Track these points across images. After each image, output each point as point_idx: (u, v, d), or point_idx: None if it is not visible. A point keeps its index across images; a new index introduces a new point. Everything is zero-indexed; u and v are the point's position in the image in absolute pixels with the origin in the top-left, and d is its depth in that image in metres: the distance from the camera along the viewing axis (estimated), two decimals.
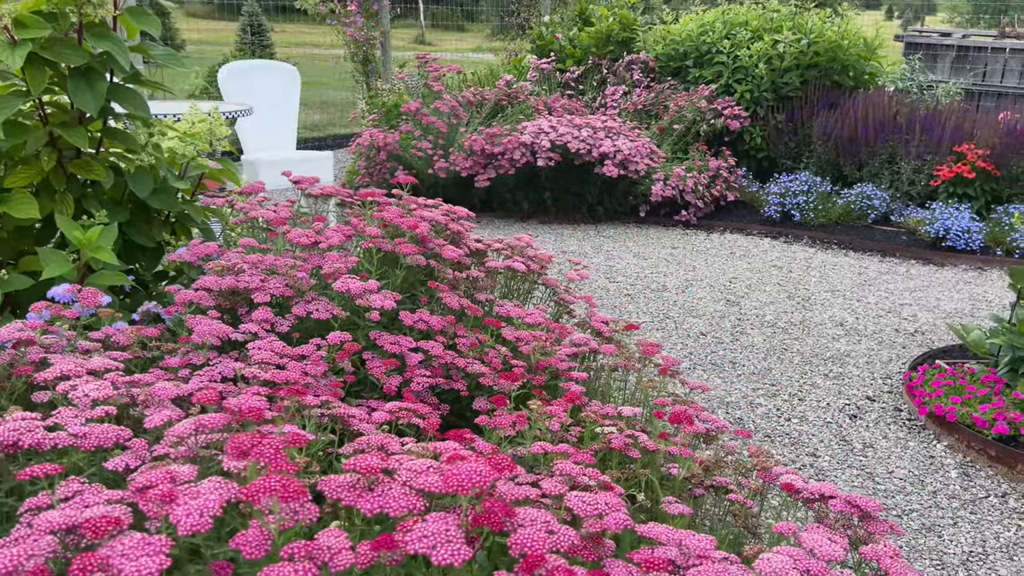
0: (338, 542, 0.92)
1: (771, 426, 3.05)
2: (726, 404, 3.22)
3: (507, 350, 2.12)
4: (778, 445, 2.91)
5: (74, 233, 2.10)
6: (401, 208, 2.38)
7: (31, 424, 1.20)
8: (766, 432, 3.00)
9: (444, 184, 5.80)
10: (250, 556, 0.89)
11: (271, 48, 19.11)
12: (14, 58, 2.01)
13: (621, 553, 1.22)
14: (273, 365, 1.77)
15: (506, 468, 1.02)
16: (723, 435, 1.98)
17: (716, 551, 1.15)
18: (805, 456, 2.84)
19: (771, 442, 2.93)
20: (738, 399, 3.26)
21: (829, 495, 1.51)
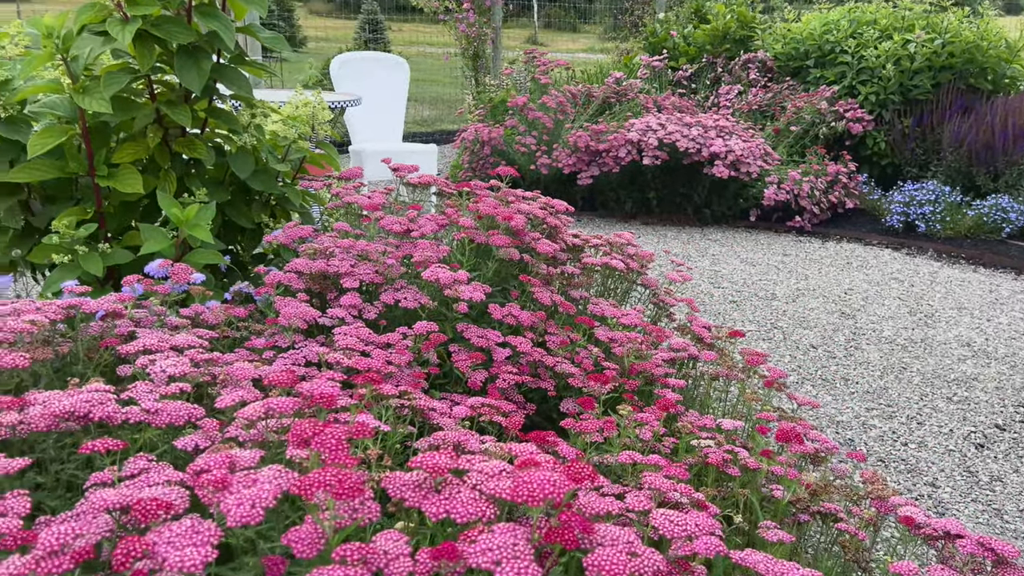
0: (396, 547, 0.84)
1: (885, 450, 2.81)
2: (836, 423, 2.99)
3: (599, 351, 2.01)
4: (893, 471, 2.68)
5: (173, 210, 2.12)
6: (498, 200, 2.29)
7: (104, 396, 1.17)
8: (879, 456, 2.77)
9: (546, 181, 5.71)
10: (301, 554, 0.81)
11: (387, 46, 19.53)
12: (124, 34, 2.03)
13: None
14: (357, 352, 1.71)
15: (585, 478, 0.91)
16: (832, 457, 1.81)
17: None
18: (923, 486, 2.60)
19: (885, 467, 2.70)
20: (850, 419, 3.03)
21: (956, 533, 1.33)
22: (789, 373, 3.37)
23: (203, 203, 2.21)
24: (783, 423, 1.81)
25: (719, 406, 2.12)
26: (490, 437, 1.42)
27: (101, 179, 2.18)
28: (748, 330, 3.86)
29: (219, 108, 2.35)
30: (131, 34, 2.04)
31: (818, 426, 2.95)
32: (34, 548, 0.85)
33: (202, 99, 2.32)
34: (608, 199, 5.84)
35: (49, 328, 1.47)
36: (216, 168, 2.43)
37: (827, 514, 1.54)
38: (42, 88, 2.12)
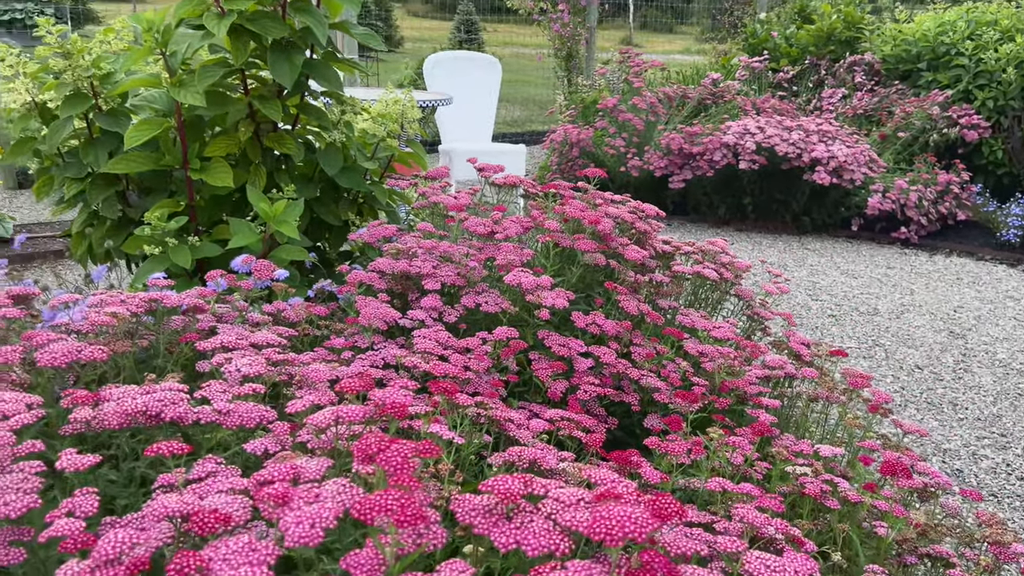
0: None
1: (998, 484, 2.60)
2: (943, 451, 2.79)
3: (688, 365, 1.91)
4: (1007, 508, 2.47)
5: (261, 205, 2.12)
6: (585, 202, 2.21)
7: (176, 396, 1.15)
8: (991, 490, 2.56)
9: (636, 184, 5.59)
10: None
11: (481, 46, 19.66)
12: (220, 28, 2.04)
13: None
14: (436, 356, 1.66)
15: (673, 515, 0.83)
16: (941, 491, 1.66)
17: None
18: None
19: (998, 503, 2.49)
20: (958, 447, 2.81)
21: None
22: (892, 395, 3.17)
23: (291, 199, 2.20)
24: (888, 452, 1.67)
25: (817, 430, 1.98)
26: (569, 453, 1.34)
27: (193, 172, 2.20)
28: (848, 347, 3.65)
29: (310, 104, 2.35)
30: (226, 28, 2.05)
31: (923, 455, 2.76)
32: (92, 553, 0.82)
33: (294, 95, 2.32)
34: (701, 204, 5.66)
35: (132, 321, 1.47)
36: (306, 164, 2.44)
37: (937, 557, 1.40)
38: (141, 82, 2.16)
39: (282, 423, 1.21)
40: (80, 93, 2.14)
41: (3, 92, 2.23)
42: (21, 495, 0.92)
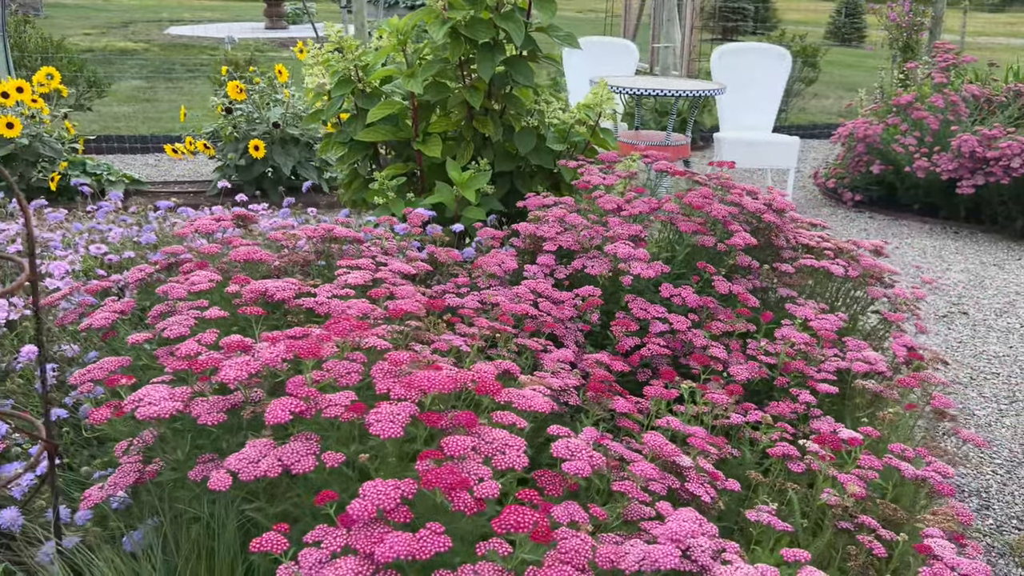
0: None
1: None
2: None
3: (772, 345, 2.09)
4: None
5: (453, 173, 2.70)
6: (713, 190, 2.45)
7: (291, 286, 1.75)
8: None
9: (924, 186, 5.28)
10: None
11: (863, 31, 18.57)
12: (439, 31, 2.64)
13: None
14: (529, 301, 2.10)
15: (495, 391, 1.22)
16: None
17: None
18: None
19: None
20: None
21: None
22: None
23: (481, 171, 2.75)
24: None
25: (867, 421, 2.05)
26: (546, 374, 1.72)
27: (417, 144, 2.85)
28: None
29: (512, 94, 2.86)
30: (446, 34, 2.64)
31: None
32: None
33: (503, 86, 2.85)
34: (997, 213, 5.18)
35: (313, 244, 2.12)
36: (510, 144, 2.96)
37: (863, 526, 1.54)
38: (386, 72, 2.85)
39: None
40: (347, 79, 2.88)
41: (306, 76, 3.06)
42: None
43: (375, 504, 1.05)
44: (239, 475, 1.15)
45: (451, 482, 1.05)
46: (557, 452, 1.22)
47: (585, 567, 1.07)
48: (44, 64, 6.91)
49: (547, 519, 1.05)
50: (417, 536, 1.02)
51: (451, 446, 1.12)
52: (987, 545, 2.16)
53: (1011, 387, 3.05)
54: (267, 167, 5.07)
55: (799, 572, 1.19)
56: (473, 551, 1.06)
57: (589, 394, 1.69)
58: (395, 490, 1.06)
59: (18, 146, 4.84)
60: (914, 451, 1.73)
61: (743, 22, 16.78)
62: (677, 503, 1.51)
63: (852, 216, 5.46)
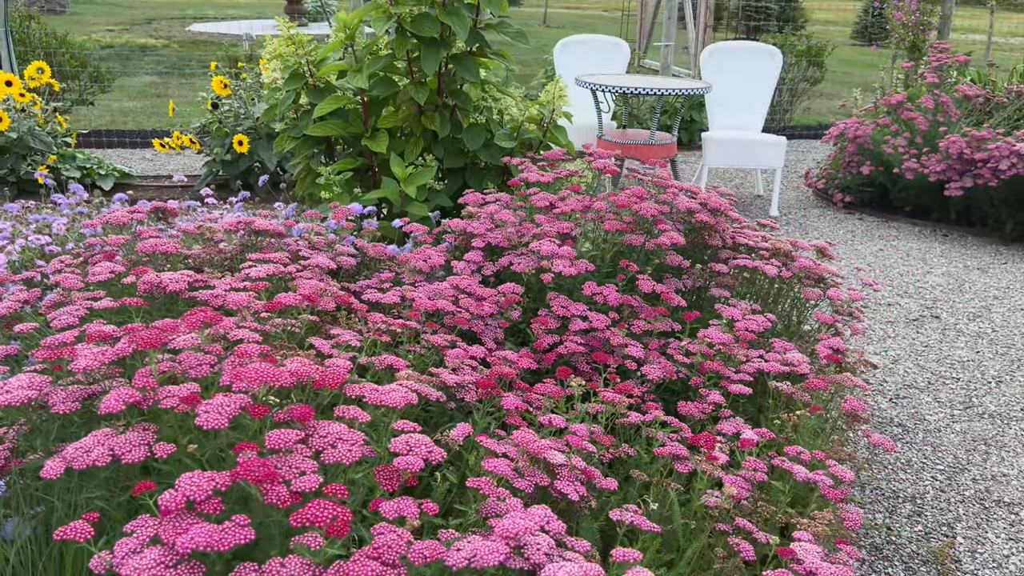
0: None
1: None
2: None
3: (695, 345, 2.07)
4: None
5: (396, 168, 2.70)
6: (649, 190, 2.43)
7: (184, 279, 1.76)
8: None
9: (915, 187, 5.20)
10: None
11: (889, 31, 18.32)
12: (382, 27, 2.64)
13: None
14: (450, 298, 2.10)
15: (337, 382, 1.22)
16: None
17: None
18: None
19: None
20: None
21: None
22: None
23: (427, 167, 2.75)
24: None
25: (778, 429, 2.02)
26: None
27: (365, 139, 2.85)
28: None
29: (459, 90, 2.86)
30: (386, 27, 2.64)
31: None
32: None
33: (453, 82, 2.85)
34: (987, 216, 5.09)
35: (238, 238, 2.14)
36: (459, 140, 2.96)
37: (742, 531, 1.52)
38: (334, 67, 2.86)
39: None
40: (299, 73, 2.90)
41: (263, 70, 3.08)
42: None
43: (185, 495, 1.05)
44: (72, 464, 1.16)
45: (261, 475, 1.06)
46: (395, 447, 1.22)
47: (396, 563, 1.06)
48: (47, 59, 7.02)
49: (348, 513, 1.04)
50: (220, 528, 1.03)
51: (274, 439, 1.13)
52: (911, 552, 2.13)
53: (969, 393, 2.99)
54: (253, 162, 5.11)
55: (627, 572, 1.17)
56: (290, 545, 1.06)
57: (480, 391, 1.68)
58: (208, 482, 1.07)
59: (8, 140, 4.92)
60: (810, 454, 1.70)
61: (767, 21, 16.66)
62: (549, 501, 1.50)
63: (841, 217, 5.39)
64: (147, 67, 11.89)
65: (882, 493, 2.38)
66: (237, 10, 19.86)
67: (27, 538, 1.29)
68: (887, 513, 2.29)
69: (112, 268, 1.77)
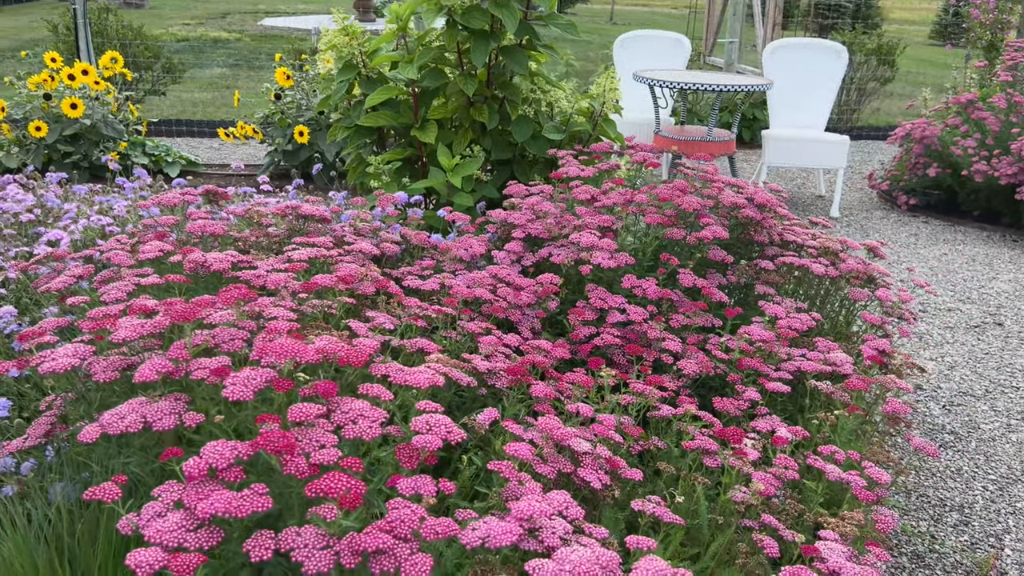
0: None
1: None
2: None
3: (742, 344, 2.03)
4: None
5: (442, 159, 2.73)
6: (690, 184, 2.40)
7: (229, 260, 1.81)
8: None
9: (985, 191, 5.02)
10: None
11: (965, 32, 17.70)
12: (433, 19, 2.67)
13: None
14: (488, 287, 2.12)
15: (360, 358, 1.24)
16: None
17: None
18: None
19: None
20: None
21: None
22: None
23: (474, 158, 2.77)
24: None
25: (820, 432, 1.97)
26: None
27: (415, 130, 2.89)
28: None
29: (508, 82, 2.87)
30: (436, 18, 2.67)
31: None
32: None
33: (502, 74, 2.86)
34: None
35: (287, 221, 2.19)
36: (506, 132, 2.97)
37: (767, 527, 1.49)
38: (386, 58, 2.89)
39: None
40: (352, 64, 2.95)
41: (319, 61, 3.14)
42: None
43: (208, 463, 1.09)
44: (108, 429, 1.21)
45: (280, 446, 1.09)
46: (415, 426, 1.24)
47: (408, 537, 1.08)
48: (123, 51, 7.28)
49: (362, 486, 1.07)
50: (240, 495, 1.06)
51: (296, 412, 1.16)
52: (954, 562, 2.06)
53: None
54: (313, 152, 5.22)
55: (640, 560, 1.17)
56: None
57: (510, 378, 1.69)
58: (231, 451, 1.10)
59: (82, 126, 5.12)
60: (845, 454, 1.67)
61: (840, 19, 16.27)
62: (572, 489, 1.50)
63: (905, 220, 5.23)
64: (219, 59, 12.21)
65: (928, 501, 2.31)
66: (308, 5, 20.26)
67: (63, 501, 1.35)
68: (932, 521, 2.22)
69: (161, 247, 1.84)
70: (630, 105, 6.04)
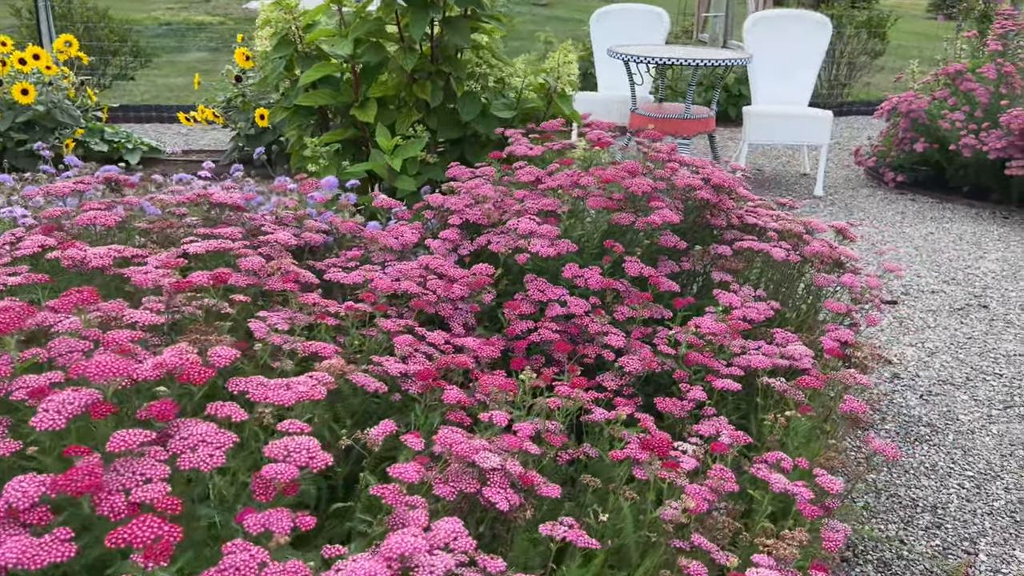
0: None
1: None
2: None
3: (690, 338, 1.86)
4: None
5: (381, 140, 2.54)
6: (643, 164, 2.22)
7: (110, 256, 1.64)
8: None
9: (973, 166, 4.83)
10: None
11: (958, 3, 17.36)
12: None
13: None
14: (416, 279, 1.94)
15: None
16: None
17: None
18: None
19: None
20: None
21: None
22: None
23: (417, 138, 2.59)
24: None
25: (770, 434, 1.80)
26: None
27: (354, 109, 2.70)
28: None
29: (453, 57, 2.68)
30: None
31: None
32: None
33: (447, 48, 2.67)
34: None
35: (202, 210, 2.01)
36: (453, 110, 2.79)
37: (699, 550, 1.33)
38: (323, 32, 2.70)
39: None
40: (287, 40, 2.76)
41: (256, 38, 2.95)
42: None
43: (6, 502, 0.92)
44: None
45: (83, 485, 0.91)
46: (270, 452, 1.06)
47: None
48: (87, 34, 7.06)
49: (177, 532, 0.90)
50: (39, 542, 0.89)
51: (117, 441, 0.99)
52: (923, 570, 1.90)
53: (1011, 391, 2.71)
54: (277, 136, 5.02)
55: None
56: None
57: (419, 383, 1.52)
58: (37, 487, 0.93)
59: (36, 113, 4.92)
60: (793, 462, 1.50)
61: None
62: (480, 511, 1.34)
63: (892, 198, 5.04)
64: (200, 43, 11.96)
65: (899, 501, 2.15)
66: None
67: None
68: (902, 524, 2.06)
69: (43, 242, 1.66)
70: (608, 82, 5.83)
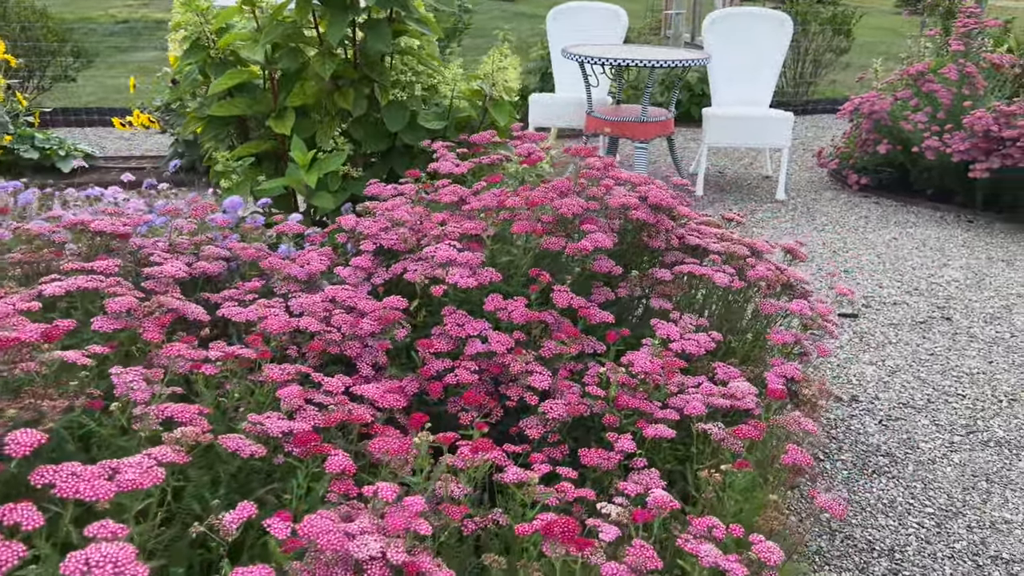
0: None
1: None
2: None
3: (621, 376, 1.67)
4: None
5: (297, 154, 2.34)
6: (585, 179, 2.03)
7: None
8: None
9: (937, 168, 4.71)
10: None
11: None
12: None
13: None
14: (320, 315, 1.75)
15: None
16: None
17: None
18: None
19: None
20: None
21: None
22: None
23: (338, 150, 2.39)
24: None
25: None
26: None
27: (271, 119, 2.49)
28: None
29: (378, 63, 2.48)
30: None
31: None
32: None
33: (373, 53, 2.47)
34: (1018, 200, 4.58)
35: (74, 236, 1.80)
36: (379, 120, 2.59)
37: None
38: (237, 36, 2.49)
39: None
40: (199, 44, 2.54)
41: (169, 42, 2.73)
42: None
43: None
44: None
45: None
46: (66, 569, 0.86)
47: None
48: (23, 33, 6.75)
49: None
50: None
51: None
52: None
53: (974, 413, 2.57)
54: None
55: None
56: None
57: (297, 450, 1.33)
58: None
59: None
60: (725, 528, 1.32)
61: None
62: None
63: (856, 201, 4.91)
64: (157, 42, 11.62)
65: (855, 543, 1.99)
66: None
67: None
68: (857, 571, 1.90)
69: None
70: (566, 83, 5.65)
